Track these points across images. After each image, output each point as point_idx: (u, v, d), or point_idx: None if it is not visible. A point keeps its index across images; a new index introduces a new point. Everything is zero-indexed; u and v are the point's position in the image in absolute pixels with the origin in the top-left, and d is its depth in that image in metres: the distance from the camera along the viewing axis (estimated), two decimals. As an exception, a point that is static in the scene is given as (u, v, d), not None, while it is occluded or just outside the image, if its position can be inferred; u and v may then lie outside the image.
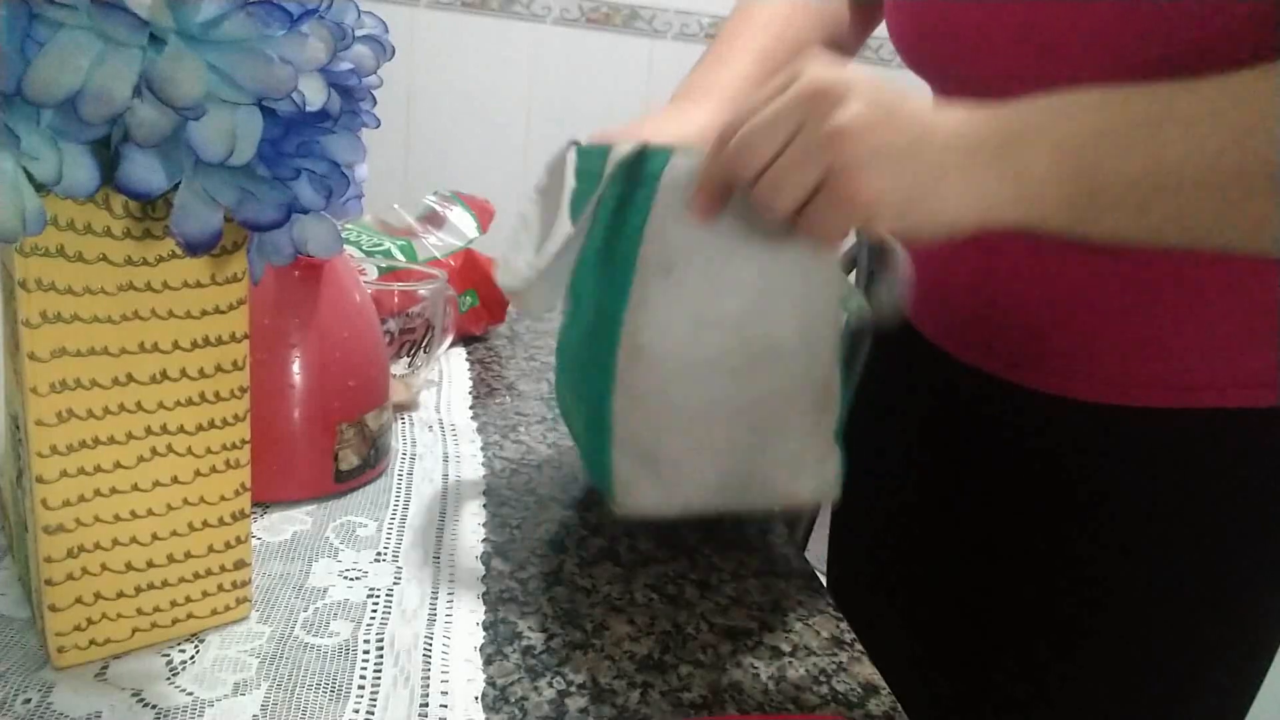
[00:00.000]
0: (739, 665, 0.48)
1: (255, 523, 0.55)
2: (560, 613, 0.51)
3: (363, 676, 0.43)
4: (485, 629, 0.48)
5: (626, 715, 0.43)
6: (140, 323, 0.39)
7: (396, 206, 0.94)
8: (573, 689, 0.45)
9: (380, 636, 0.46)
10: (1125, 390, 0.58)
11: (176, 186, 0.34)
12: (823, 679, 0.48)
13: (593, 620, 0.51)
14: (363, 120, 0.41)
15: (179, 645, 0.44)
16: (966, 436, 0.67)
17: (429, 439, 0.69)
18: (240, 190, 0.35)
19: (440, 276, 0.75)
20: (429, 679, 0.43)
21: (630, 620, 0.51)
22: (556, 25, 1.98)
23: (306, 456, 0.58)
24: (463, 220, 0.94)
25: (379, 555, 0.53)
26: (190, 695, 0.41)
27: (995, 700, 0.66)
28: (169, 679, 0.42)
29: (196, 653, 0.44)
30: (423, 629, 0.47)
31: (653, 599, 0.53)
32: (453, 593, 0.51)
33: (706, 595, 0.54)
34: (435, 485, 0.63)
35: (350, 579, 0.51)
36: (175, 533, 0.43)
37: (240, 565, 0.45)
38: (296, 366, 0.57)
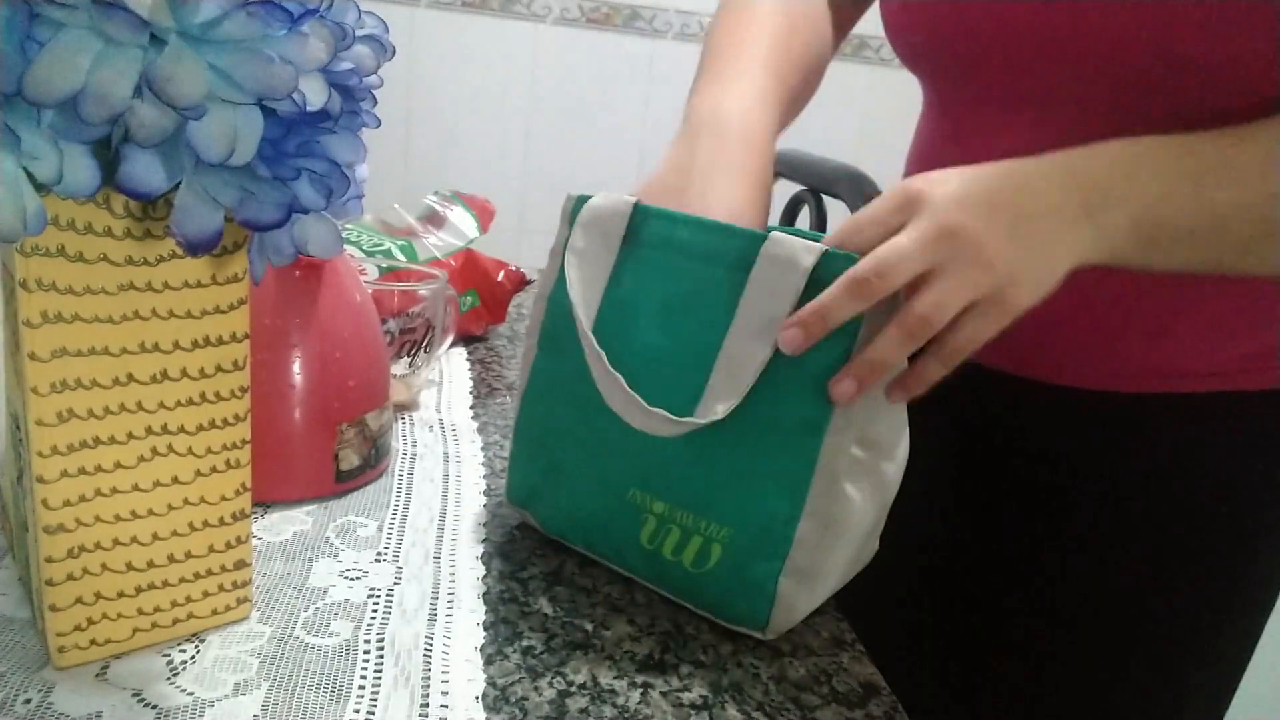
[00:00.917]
0: (739, 665, 0.48)
1: (256, 523, 0.55)
2: (560, 613, 0.51)
3: (363, 676, 0.43)
4: (486, 629, 0.48)
5: (626, 715, 0.43)
6: (141, 322, 0.39)
7: (397, 206, 0.94)
8: (573, 689, 0.45)
9: (381, 636, 0.46)
10: (1125, 378, 0.58)
11: (177, 186, 0.34)
12: (823, 679, 0.48)
13: (593, 620, 0.51)
14: (363, 120, 0.41)
15: (179, 645, 0.44)
16: (966, 433, 0.67)
17: (429, 439, 0.69)
18: (241, 190, 0.35)
19: (441, 276, 0.75)
20: (429, 679, 0.43)
21: (630, 620, 0.51)
22: (556, 25, 1.98)
23: (307, 456, 0.58)
24: (463, 220, 0.94)
25: (379, 555, 0.53)
26: (190, 695, 0.41)
27: (995, 700, 0.66)
28: (169, 679, 0.42)
29: (197, 653, 0.44)
30: (423, 629, 0.47)
31: (653, 599, 0.53)
32: (453, 593, 0.51)
33: (707, 595, 0.54)
34: (435, 485, 0.63)
35: (351, 579, 0.51)
36: (176, 533, 0.43)
37: (241, 565, 0.45)
38: (297, 366, 0.57)
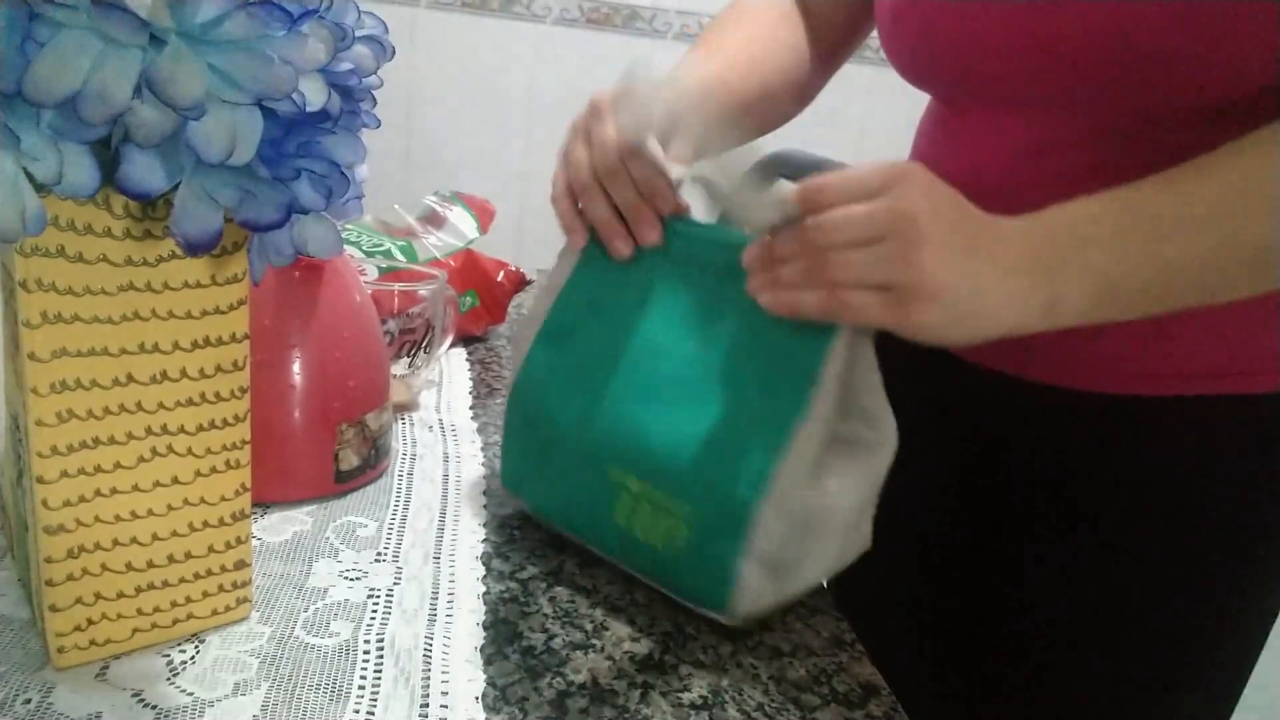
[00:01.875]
0: (739, 665, 0.48)
1: (255, 523, 0.55)
2: (560, 613, 0.51)
3: (363, 677, 0.43)
4: (485, 629, 0.48)
5: (626, 715, 0.43)
6: (140, 323, 0.39)
7: (396, 206, 0.94)
8: (573, 689, 0.45)
9: (380, 637, 0.46)
10: (1127, 381, 0.58)
11: (176, 187, 0.34)
12: (823, 679, 0.48)
13: (593, 620, 0.51)
14: (363, 120, 0.41)
15: (179, 645, 0.44)
16: (967, 434, 0.67)
17: (429, 439, 0.69)
18: (240, 190, 0.35)
19: (440, 277, 0.75)
20: (429, 679, 0.43)
21: (630, 620, 0.51)
22: (556, 25, 1.98)
23: (307, 457, 0.58)
24: (463, 220, 0.94)
25: (379, 555, 0.53)
26: (190, 695, 0.41)
27: (995, 700, 0.66)
28: (169, 679, 0.42)
29: (197, 653, 0.44)
30: (423, 629, 0.47)
31: (653, 599, 0.53)
32: (453, 593, 0.51)
33: (707, 595, 0.54)
34: (435, 485, 0.63)
35: (351, 579, 0.51)
36: (175, 533, 0.43)
37: (240, 565, 0.45)
38: (297, 367, 0.57)
